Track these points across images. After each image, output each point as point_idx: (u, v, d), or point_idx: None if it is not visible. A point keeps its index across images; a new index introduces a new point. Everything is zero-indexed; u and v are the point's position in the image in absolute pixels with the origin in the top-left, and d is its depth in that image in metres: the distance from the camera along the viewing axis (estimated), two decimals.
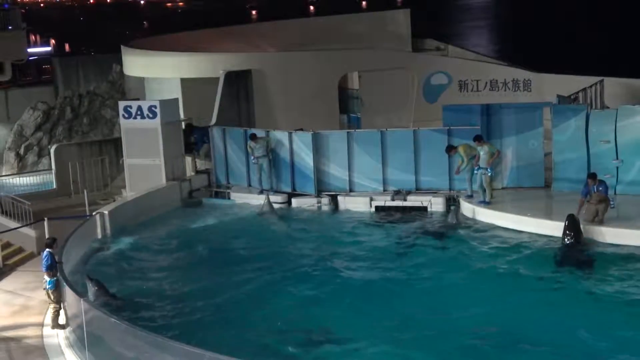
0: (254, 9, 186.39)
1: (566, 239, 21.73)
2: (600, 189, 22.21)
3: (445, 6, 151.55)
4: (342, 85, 35.68)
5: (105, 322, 15.33)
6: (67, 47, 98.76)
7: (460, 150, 24.73)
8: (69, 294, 17.43)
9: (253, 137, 27.07)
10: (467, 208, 24.76)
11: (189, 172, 29.20)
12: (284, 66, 33.44)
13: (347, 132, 27.48)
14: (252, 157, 27.15)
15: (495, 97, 32.91)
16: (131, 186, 27.93)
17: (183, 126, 29.54)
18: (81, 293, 17.40)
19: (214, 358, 12.87)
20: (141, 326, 15.03)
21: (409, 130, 27.22)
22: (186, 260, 22.93)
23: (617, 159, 25.01)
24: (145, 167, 27.63)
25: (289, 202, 26.88)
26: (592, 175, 22.63)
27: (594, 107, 28.02)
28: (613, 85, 30.86)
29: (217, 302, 19.57)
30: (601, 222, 22.21)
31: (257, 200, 26.79)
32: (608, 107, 28.16)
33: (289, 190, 27.19)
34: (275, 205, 26.44)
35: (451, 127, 26.02)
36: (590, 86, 29.22)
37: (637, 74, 32.50)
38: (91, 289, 18.68)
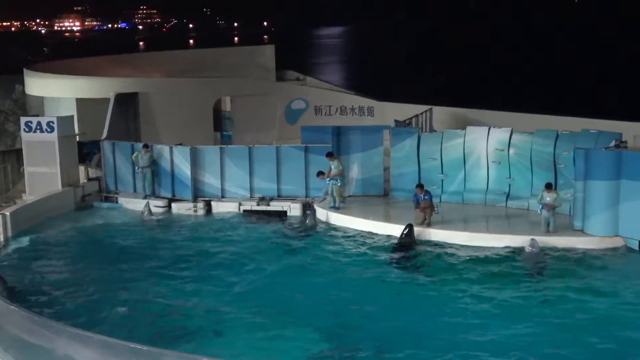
0: (141, 41, 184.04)
1: (402, 239, 22.16)
2: (426, 197, 22.84)
3: (305, 43, 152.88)
4: (217, 108, 35.45)
5: (5, 310, 14.79)
6: None
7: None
8: None
9: (145, 146, 26.71)
10: (321, 212, 24.96)
11: (82, 179, 28.48)
12: (167, 90, 33.04)
13: (220, 147, 27.32)
14: (137, 168, 26.82)
15: (344, 120, 33.29)
16: (31, 191, 27.11)
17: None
18: None
19: (103, 341, 12.59)
20: (39, 313, 14.57)
21: (272, 146, 27.27)
22: (79, 255, 22.33)
23: (442, 173, 25.69)
24: (43, 174, 26.87)
25: (169, 206, 26.54)
26: (419, 186, 23.26)
27: (424, 130, 28.68)
28: (440, 112, 31.67)
29: (107, 291, 19.17)
30: (429, 225, 22.77)
31: (142, 204, 26.30)
32: (435, 131, 28.86)
33: (169, 195, 26.84)
34: (157, 209, 26.14)
35: (308, 145, 26.22)
36: (422, 113, 29.90)
37: (459, 104, 33.44)
38: None
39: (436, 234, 22.46)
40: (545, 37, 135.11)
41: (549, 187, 22.28)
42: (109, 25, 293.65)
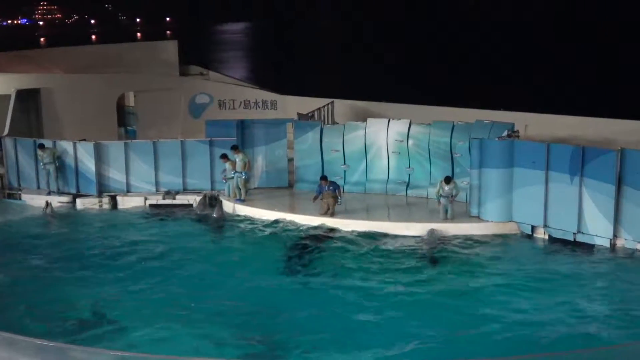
0: (42, 37, 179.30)
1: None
2: (331, 188, 22.90)
3: (208, 38, 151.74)
4: (120, 103, 34.78)
5: None
6: None
7: (229, 164, 24.65)
8: None
9: (41, 147, 25.93)
10: (227, 205, 24.77)
11: None
12: (70, 86, 32.17)
13: (125, 142, 26.79)
14: (41, 164, 26.07)
15: (248, 114, 33.10)
16: None
17: None
18: None
19: (7, 337, 12.13)
20: None
21: (177, 141, 26.87)
22: None
23: (344, 164, 25.84)
24: None
25: (74, 202, 25.89)
26: (323, 177, 23.33)
27: (326, 123, 28.79)
28: (341, 105, 31.81)
29: (9, 287, 18.77)
30: (332, 214, 22.87)
31: (45, 199, 25.59)
32: (337, 123, 28.99)
33: (74, 191, 26.19)
34: (62, 205, 25.48)
35: (213, 139, 25.98)
36: (324, 106, 30.00)
37: (360, 97, 33.65)
38: None
39: (339, 223, 22.57)
40: (440, 32, 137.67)
41: (447, 180, 22.53)
42: (9, 22, 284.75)
